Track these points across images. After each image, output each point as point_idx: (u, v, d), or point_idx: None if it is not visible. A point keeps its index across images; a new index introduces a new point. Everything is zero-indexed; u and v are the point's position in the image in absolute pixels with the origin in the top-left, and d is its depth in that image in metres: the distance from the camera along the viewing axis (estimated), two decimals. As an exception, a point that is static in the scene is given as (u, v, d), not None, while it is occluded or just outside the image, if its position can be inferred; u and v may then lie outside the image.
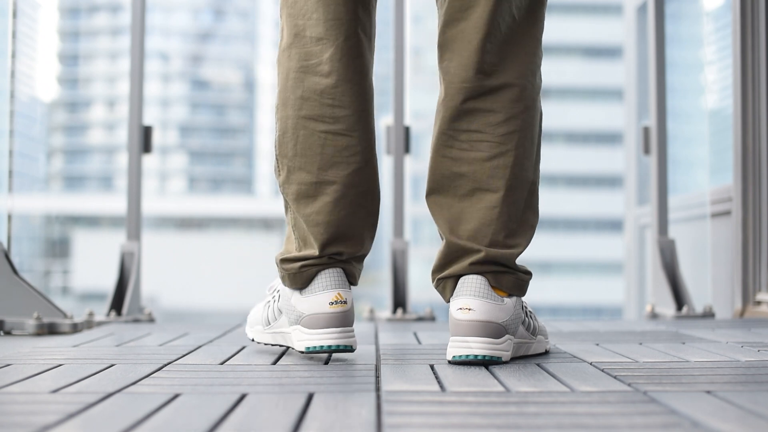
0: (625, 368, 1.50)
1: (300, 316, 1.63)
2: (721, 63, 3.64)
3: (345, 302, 1.62)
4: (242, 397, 1.22)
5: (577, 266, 36.31)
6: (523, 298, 1.67)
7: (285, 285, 1.67)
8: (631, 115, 5.20)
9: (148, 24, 3.12)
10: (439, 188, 1.64)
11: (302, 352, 1.63)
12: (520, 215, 1.63)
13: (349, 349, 1.62)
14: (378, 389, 1.30)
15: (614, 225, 34.96)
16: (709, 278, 3.49)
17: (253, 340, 1.79)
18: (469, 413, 1.10)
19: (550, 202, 36.22)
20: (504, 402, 1.17)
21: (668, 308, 3.01)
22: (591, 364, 1.56)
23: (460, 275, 1.61)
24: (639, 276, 4.75)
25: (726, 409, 1.12)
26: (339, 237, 1.63)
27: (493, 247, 1.59)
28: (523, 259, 1.76)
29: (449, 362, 1.59)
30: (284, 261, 1.65)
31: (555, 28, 37.02)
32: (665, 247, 3.16)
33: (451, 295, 1.62)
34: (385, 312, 2.96)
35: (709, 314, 2.92)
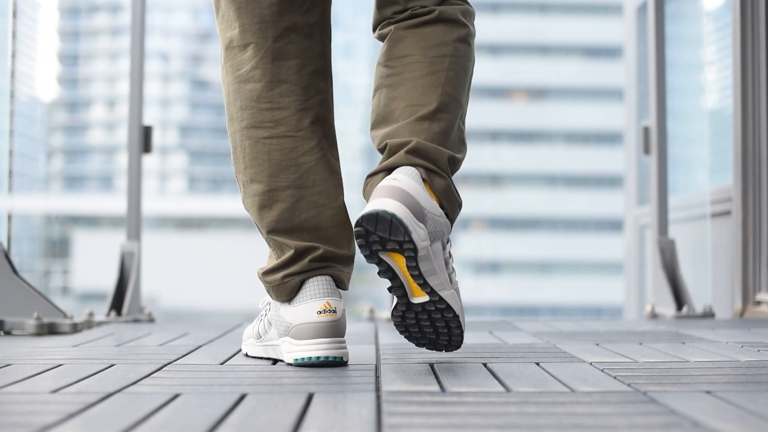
0: (625, 368, 1.50)
1: (288, 327, 1.58)
2: (721, 63, 3.64)
3: (334, 311, 1.56)
4: (242, 397, 1.22)
5: (577, 266, 36.30)
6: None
7: (270, 296, 1.64)
8: (631, 115, 5.19)
9: (148, 24, 3.12)
10: (380, 119, 1.59)
11: (290, 365, 1.58)
12: (454, 133, 1.57)
13: (339, 360, 1.55)
14: (378, 389, 1.30)
15: (614, 225, 34.96)
16: (709, 278, 3.49)
17: (246, 354, 1.74)
18: (469, 413, 1.10)
19: (550, 202, 36.23)
20: (504, 402, 1.17)
21: (668, 308, 3.01)
22: (591, 364, 1.56)
23: (391, 168, 1.51)
24: (639, 276, 4.75)
25: (726, 409, 1.12)
26: (309, 238, 1.59)
27: (425, 140, 1.52)
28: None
29: (355, 224, 1.43)
30: (266, 273, 1.61)
31: (555, 28, 37.03)
32: (665, 247, 3.16)
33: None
34: (385, 312, 2.96)
35: (709, 314, 2.92)
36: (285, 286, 1.58)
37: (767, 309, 2.88)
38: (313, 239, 1.59)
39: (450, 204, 1.52)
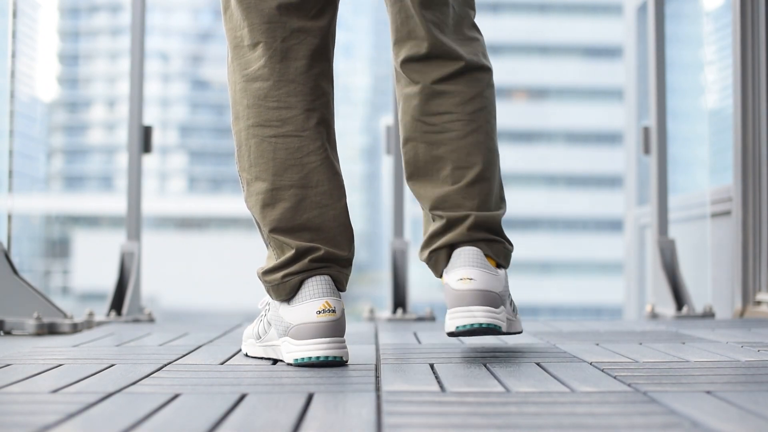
0: (625, 368, 1.50)
1: (288, 327, 1.58)
2: (721, 63, 3.64)
3: (334, 311, 1.56)
4: (242, 397, 1.22)
5: (577, 266, 36.30)
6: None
7: (270, 296, 1.64)
8: (631, 115, 5.20)
9: (148, 24, 3.12)
10: (420, 173, 1.71)
11: (290, 365, 1.57)
12: (497, 187, 1.73)
13: (339, 360, 1.55)
14: (378, 389, 1.30)
15: (614, 225, 34.95)
16: (709, 278, 3.49)
17: (246, 354, 1.74)
18: (469, 413, 1.10)
19: (550, 202, 36.22)
20: (504, 402, 1.17)
21: (668, 308, 3.01)
22: (591, 364, 1.56)
23: (453, 245, 1.66)
24: (639, 276, 4.75)
25: (726, 409, 1.12)
26: (311, 238, 1.59)
27: (480, 211, 1.67)
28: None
29: (450, 334, 1.59)
30: (266, 273, 1.61)
31: (555, 28, 37.03)
32: (665, 247, 3.16)
33: (445, 267, 1.66)
34: (385, 312, 2.96)
35: (709, 314, 2.92)
36: (285, 285, 1.58)
37: (767, 309, 2.88)
38: (314, 239, 1.59)
39: (507, 260, 1.71)
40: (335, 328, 1.56)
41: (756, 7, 3.05)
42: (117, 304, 2.86)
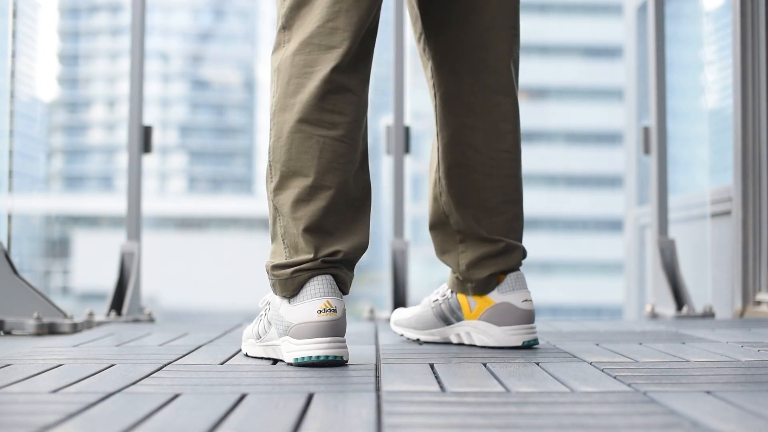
0: (625, 368, 1.50)
1: (288, 327, 1.58)
2: (721, 63, 3.64)
3: (335, 310, 1.57)
4: (242, 397, 1.22)
5: (577, 266, 36.30)
6: None
7: (275, 293, 1.64)
8: (631, 115, 5.20)
9: (148, 24, 3.12)
10: (473, 199, 1.87)
11: (290, 364, 1.58)
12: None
13: (339, 359, 1.56)
14: (378, 389, 1.30)
15: (614, 225, 34.95)
16: (709, 278, 3.49)
17: (246, 354, 1.74)
18: (469, 413, 1.10)
19: (550, 202, 36.22)
20: (504, 402, 1.17)
21: (668, 308, 3.01)
22: (591, 364, 1.56)
23: (508, 270, 1.87)
24: (639, 276, 4.75)
25: (726, 409, 1.12)
26: (332, 241, 1.61)
27: (520, 240, 1.92)
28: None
29: (518, 347, 1.81)
30: (276, 267, 1.62)
31: (555, 28, 37.03)
32: (665, 247, 3.16)
33: (496, 287, 1.85)
34: (385, 312, 2.96)
35: (709, 314, 2.92)
36: (293, 281, 1.59)
37: (767, 309, 2.88)
38: (334, 243, 1.61)
39: None
40: (336, 328, 1.56)
41: (756, 7, 3.05)
42: (117, 304, 2.86)
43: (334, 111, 1.62)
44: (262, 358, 1.69)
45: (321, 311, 1.56)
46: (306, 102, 1.61)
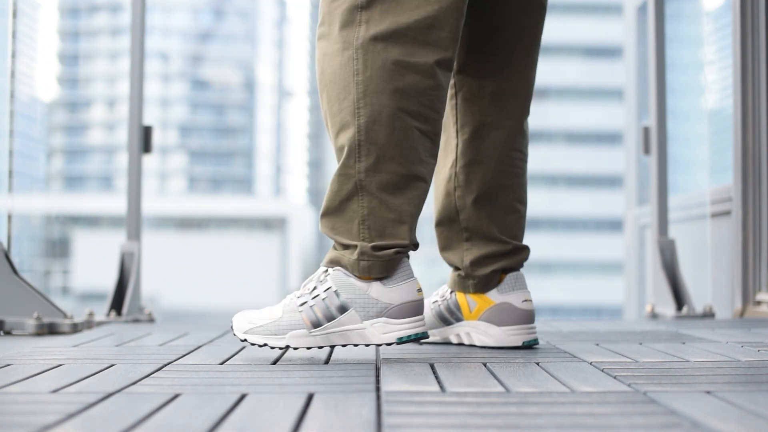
0: (625, 368, 1.50)
1: (386, 307, 1.63)
2: (721, 63, 3.64)
3: (421, 290, 1.68)
4: (242, 397, 1.22)
5: (577, 266, 36.31)
6: None
7: (369, 274, 1.63)
8: (631, 115, 5.20)
9: (148, 24, 3.12)
10: (489, 196, 1.90)
11: (389, 344, 1.63)
12: None
13: (427, 335, 1.68)
14: (378, 389, 1.30)
15: (614, 225, 34.97)
16: (709, 278, 3.50)
17: (287, 347, 1.66)
18: (469, 413, 1.10)
19: (550, 202, 36.24)
20: (504, 402, 1.17)
21: (668, 308, 3.01)
22: (591, 364, 1.57)
23: (511, 269, 1.89)
24: (639, 276, 4.75)
25: (726, 409, 1.12)
26: (415, 228, 1.69)
27: (528, 246, 1.95)
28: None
29: (518, 347, 1.82)
30: (377, 248, 1.63)
31: (555, 28, 37.03)
32: (665, 247, 3.16)
33: (497, 286, 1.87)
34: (385, 312, 2.96)
35: (709, 314, 2.92)
36: (393, 262, 1.64)
37: (767, 309, 2.88)
38: (415, 229, 1.70)
39: None
40: (423, 307, 1.69)
41: (756, 7, 3.05)
42: (117, 304, 2.86)
43: (431, 107, 1.66)
44: (312, 348, 1.66)
45: (419, 290, 1.66)
46: (406, 91, 1.64)
